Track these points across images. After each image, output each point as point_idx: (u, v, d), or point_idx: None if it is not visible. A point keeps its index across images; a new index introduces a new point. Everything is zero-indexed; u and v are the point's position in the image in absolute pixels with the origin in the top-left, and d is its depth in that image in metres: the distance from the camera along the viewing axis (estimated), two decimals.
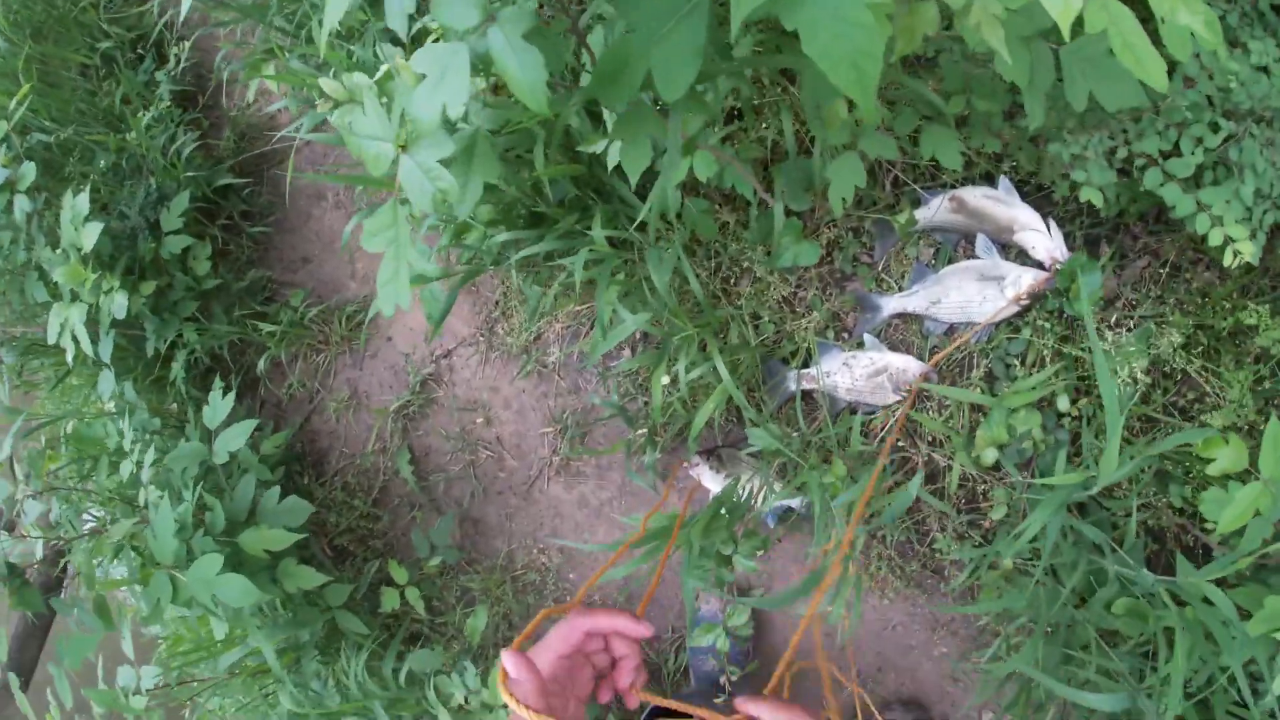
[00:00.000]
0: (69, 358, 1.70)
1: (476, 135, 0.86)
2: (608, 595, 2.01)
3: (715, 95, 1.07)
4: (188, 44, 2.31)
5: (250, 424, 1.66)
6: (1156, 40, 0.77)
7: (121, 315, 1.68)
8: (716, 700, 1.64)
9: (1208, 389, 1.38)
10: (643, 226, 1.74)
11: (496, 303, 2.14)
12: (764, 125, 1.56)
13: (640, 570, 1.99)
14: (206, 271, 2.05)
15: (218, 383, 1.74)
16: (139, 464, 1.57)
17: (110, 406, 1.83)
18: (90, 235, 1.64)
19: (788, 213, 1.48)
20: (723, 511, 1.43)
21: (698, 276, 1.60)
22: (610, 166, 1.38)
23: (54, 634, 2.10)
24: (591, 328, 2.07)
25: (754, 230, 1.65)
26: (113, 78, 2.29)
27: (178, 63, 2.31)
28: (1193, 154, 1.09)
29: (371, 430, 2.21)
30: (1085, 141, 1.11)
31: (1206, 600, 1.18)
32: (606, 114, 1.35)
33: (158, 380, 2.09)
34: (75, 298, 1.71)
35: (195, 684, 1.77)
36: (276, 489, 1.64)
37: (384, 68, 0.95)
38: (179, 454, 1.59)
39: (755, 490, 1.67)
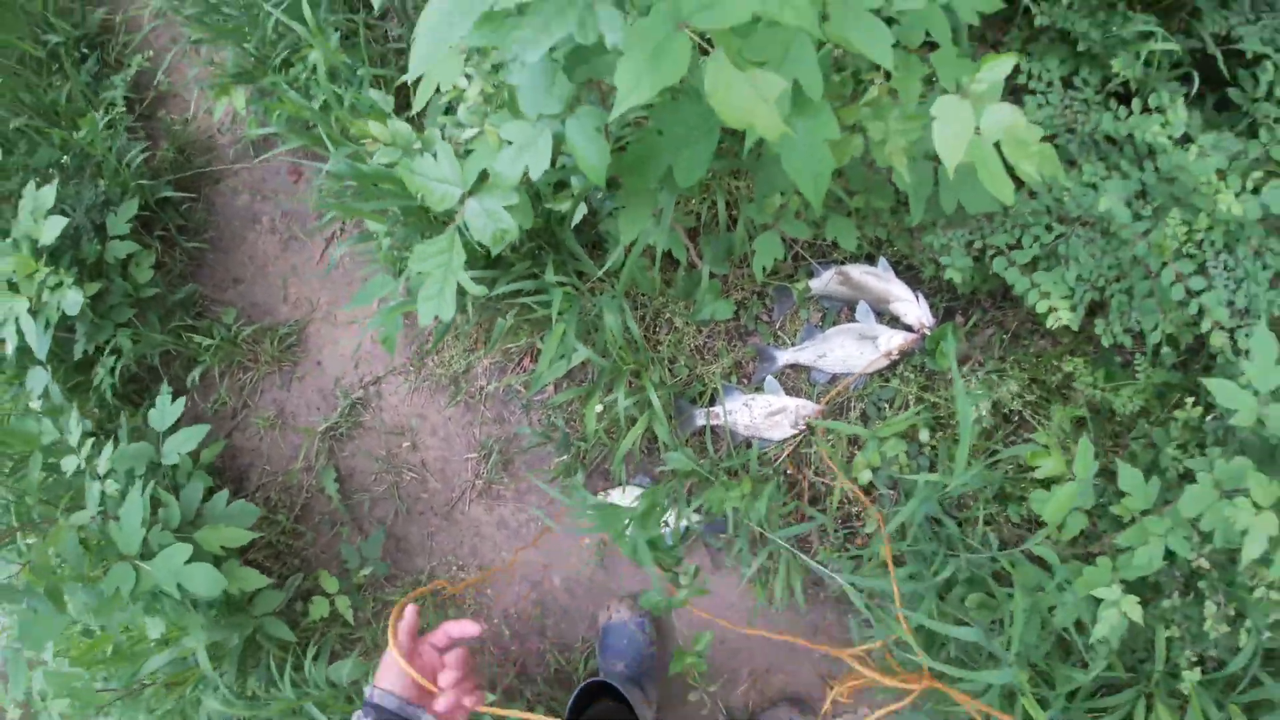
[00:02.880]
0: (9, 350, 1.70)
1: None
2: (524, 609, 2.17)
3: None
4: (143, 54, 2.37)
5: (202, 429, 1.73)
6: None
7: (74, 311, 1.69)
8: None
9: (1038, 427, 1.79)
10: (582, 275, 2.00)
11: (430, 335, 2.30)
12: (693, 202, 1.87)
13: (553, 586, 2.18)
14: (148, 279, 2.07)
15: (165, 387, 1.79)
16: (90, 458, 1.60)
17: (37, 406, 1.82)
18: (52, 229, 1.67)
19: (710, 275, 1.79)
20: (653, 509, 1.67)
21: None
22: (572, 224, 1.64)
23: None
24: (519, 363, 2.28)
25: (678, 287, 1.94)
26: (60, 73, 2.29)
27: (128, 68, 2.35)
28: (1030, 247, 1.48)
29: (298, 449, 2.28)
30: (951, 235, 1.49)
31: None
32: (574, 181, 1.61)
33: (78, 385, 2.08)
34: (15, 290, 1.71)
35: (107, 693, 1.77)
36: (225, 492, 1.72)
37: (440, 125, 1.16)
38: (124, 453, 1.64)
39: (669, 507, 1.93)
